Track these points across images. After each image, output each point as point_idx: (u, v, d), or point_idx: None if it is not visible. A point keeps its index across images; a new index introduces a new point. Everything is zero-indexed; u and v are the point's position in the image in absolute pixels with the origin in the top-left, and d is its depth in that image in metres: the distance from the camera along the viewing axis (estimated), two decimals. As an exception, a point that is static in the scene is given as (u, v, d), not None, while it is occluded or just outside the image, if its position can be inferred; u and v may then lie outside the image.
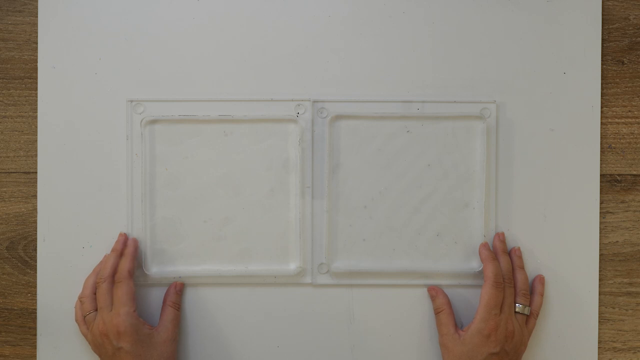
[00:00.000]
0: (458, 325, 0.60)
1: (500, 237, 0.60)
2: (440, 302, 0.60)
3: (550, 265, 0.61)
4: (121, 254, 0.59)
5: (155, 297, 0.61)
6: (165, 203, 0.61)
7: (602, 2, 0.61)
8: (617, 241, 0.62)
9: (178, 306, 0.60)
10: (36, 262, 0.61)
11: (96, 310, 0.58)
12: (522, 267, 0.60)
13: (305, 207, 0.61)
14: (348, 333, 0.61)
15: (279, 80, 0.61)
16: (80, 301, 0.59)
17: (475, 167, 0.61)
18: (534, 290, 0.60)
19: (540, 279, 0.61)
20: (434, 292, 0.60)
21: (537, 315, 0.60)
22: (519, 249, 0.61)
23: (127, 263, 0.58)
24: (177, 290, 0.60)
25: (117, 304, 0.56)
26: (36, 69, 0.61)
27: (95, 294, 0.58)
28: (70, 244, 0.61)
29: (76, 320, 0.59)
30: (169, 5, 0.61)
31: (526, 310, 0.58)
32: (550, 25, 0.61)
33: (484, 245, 0.60)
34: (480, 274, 0.61)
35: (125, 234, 0.60)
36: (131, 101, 0.61)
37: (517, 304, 0.58)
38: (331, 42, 0.61)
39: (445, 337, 0.58)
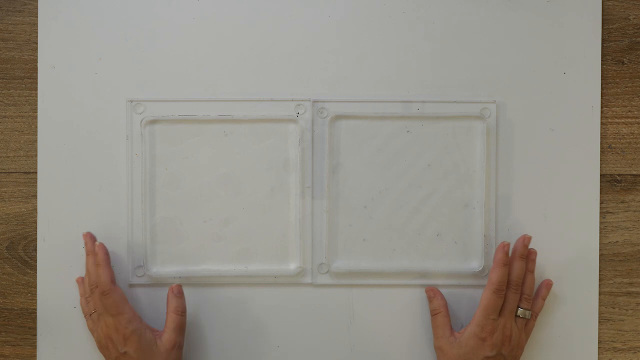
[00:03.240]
0: (457, 326, 0.60)
1: (525, 242, 0.58)
2: (438, 303, 0.59)
3: (550, 265, 0.61)
4: (95, 255, 0.58)
5: (155, 297, 0.61)
6: (165, 203, 0.61)
7: (602, 2, 0.61)
8: (617, 241, 0.62)
9: (180, 311, 0.57)
10: (36, 262, 0.61)
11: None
12: (532, 271, 0.59)
13: (305, 207, 0.61)
14: (348, 333, 0.61)
15: (279, 80, 0.61)
16: (85, 300, 0.59)
17: (475, 167, 0.61)
18: (537, 293, 0.60)
19: (547, 284, 0.60)
20: (432, 294, 0.60)
21: (536, 318, 0.60)
22: (535, 252, 0.59)
23: (105, 272, 0.57)
24: (176, 294, 0.58)
25: (116, 313, 0.56)
26: (36, 69, 0.61)
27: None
28: (70, 244, 0.61)
29: (84, 315, 0.59)
30: (169, 5, 0.61)
31: (527, 315, 0.58)
32: (550, 25, 0.61)
33: (503, 247, 0.57)
34: (480, 274, 0.61)
35: (89, 233, 0.60)
36: (131, 101, 0.61)
37: (519, 308, 0.58)
38: (331, 42, 0.61)
39: (441, 339, 0.58)
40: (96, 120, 0.61)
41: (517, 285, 0.57)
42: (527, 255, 0.59)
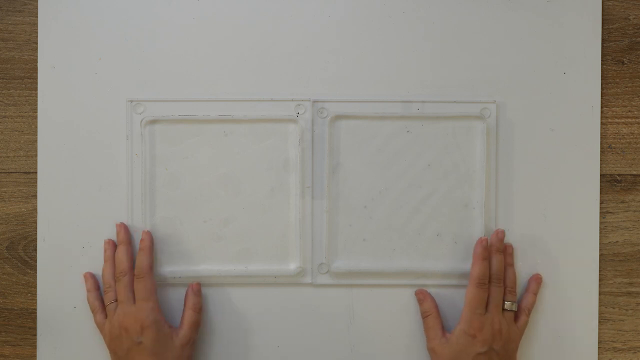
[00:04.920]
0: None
1: (499, 235, 0.60)
2: (428, 306, 0.59)
3: (550, 265, 0.61)
4: (129, 244, 0.59)
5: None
6: (165, 203, 0.61)
7: (602, 2, 0.61)
8: (617, 241, 0.62)
9: (198, 308, 0.59)
10: (36, 262, 0.61)
11: (117, 300, 0.58)
12: (512, 265, 0.60)
13: (305, 207, 0.61)
14: (348, 333, 0.61)
15: (279, 80, 0.61)
16: (105, 291, 0.59)
17: (475, 167, 0.61)
18: (528, 288, 0.61)
19: (537, 278, 0.61)
20: (422, 296, 0.60)
21: (529, 313, 0.60)
22: (510, 246, 0.60)
23: (146, 258, 0.58)
24: (195, 292, 0.60)
25: (141, 299, 0.57)
26: (36, 69, 0.61)
27: (115, 283, 0.58)
28: (70, 244, 0.61)
29: (92, 310, 0.59)
30: (169, 5, 0.61)
31: (514, 307, 0.59)
32: (550, 25, 0.61)
33: (481, 242, 0.59)
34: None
35: (124, 224, 0.60)
36: (131, 101, 0.61)
37: (505, 302, 0.58)
38: (331, 42, 0.61)
39: (433, 341, 0.58)
40: (96, 120, 0.61)
41: (498, 279, 0.58)
42: (506, 248, 0.60)
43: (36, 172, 0.61)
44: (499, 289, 0.58)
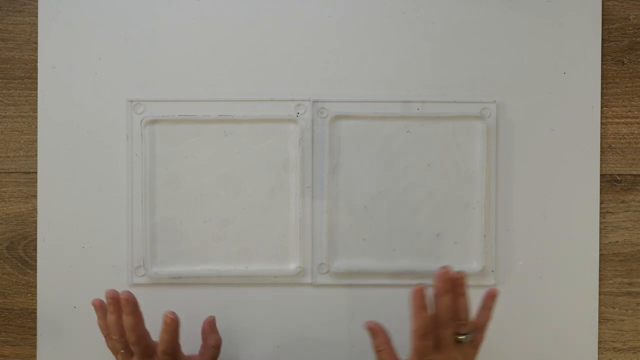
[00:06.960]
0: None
1: (446, 275, 0.52)
2: (380, 341, 0.53)
3: (550, 265, 0.61)
4: (138, 315, 0.55)
5: (155, 297, 0.61)
6: (165, 203, 0.61)
7: (602, 2, 0.61)
8: (617, 241, 0.62)
9: (219, 344, 0.58)
10: (36, 262, 0.61)
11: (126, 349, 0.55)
12: (463, 294, 0.52)
13: (305, 207, 0.61)
14: (348, 333, 0.61)
15: (279, 80, 0.61)
16: (115, 340, 0.55)
17: (475, 167, 0.61)
18: (482, 305, 0.54)
19: (492, 294, 0.54)
20: (373, 331, 0.53)
21: (485, 329, 0.54)
22: (463, 276, 0.52)
23: (176, 340, 0.54)
24: (213, 328, 0.58)
25: None
26: (36, 69, 0.61)
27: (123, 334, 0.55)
28: (70, 244, 0.61)
29: (103, 335, 0.56)
30: (169, 5, 0.61)
31: (467, 338, 0.52)
32: (550, 25, 0.61)
33: (417, 291, 0.51)
34: (481, 274, 0.61)
35: (114, 290, 0.54)
36: (131, 101, 0.61)
37: (458, 336, 0.52)
38: (331, 42, 0.61)
39: None
40: (96, 120, 0.61)
41: (449, 320, 0.51)
42: (454, 280, 0.52)
43: (36, 172, 0.61)
44: (449, 329, 0.52)
